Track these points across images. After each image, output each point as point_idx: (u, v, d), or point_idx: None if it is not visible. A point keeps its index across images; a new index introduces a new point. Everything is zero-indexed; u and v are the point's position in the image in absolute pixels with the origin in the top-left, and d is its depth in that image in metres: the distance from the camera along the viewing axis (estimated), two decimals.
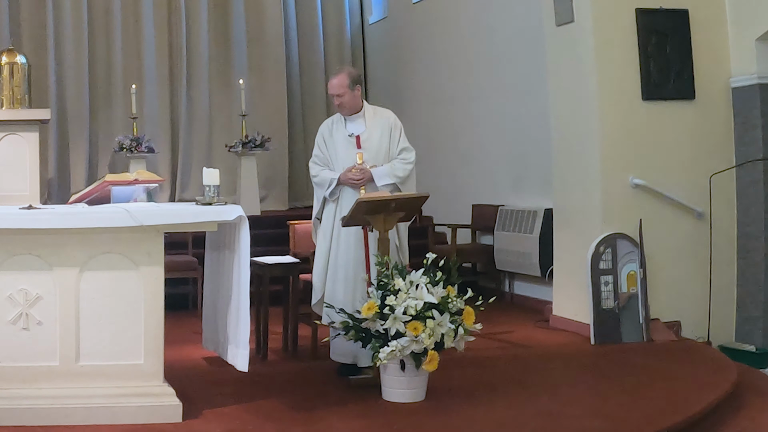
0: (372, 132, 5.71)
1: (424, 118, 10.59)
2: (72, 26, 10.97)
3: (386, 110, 5.90)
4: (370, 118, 5.75)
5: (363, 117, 5.75)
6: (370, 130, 5.72)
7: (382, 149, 5.70)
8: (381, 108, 5.94)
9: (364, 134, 5.70)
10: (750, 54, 6.93)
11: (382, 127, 5.74)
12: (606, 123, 6.84)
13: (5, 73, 8.67)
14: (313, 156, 5.91)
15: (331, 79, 5.74)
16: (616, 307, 6.69)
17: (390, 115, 5.84)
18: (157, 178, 5.51)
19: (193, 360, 6.03)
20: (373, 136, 5.70)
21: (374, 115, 5.78)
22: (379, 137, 5.71)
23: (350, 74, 5.70)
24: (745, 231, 7.04)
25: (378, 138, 5.71)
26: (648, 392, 5.18)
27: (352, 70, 5.83)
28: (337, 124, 5.81)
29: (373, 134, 5.71)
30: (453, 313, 4.96)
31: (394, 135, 5.75)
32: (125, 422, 4.48)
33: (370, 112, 5.79)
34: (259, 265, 6.27)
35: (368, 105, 5.85)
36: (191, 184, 11.33)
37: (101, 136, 11.15)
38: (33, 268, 4.53)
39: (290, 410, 4.88)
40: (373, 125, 5.73)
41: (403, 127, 5.85)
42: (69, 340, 4.55)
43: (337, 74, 5.71)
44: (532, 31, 8.16)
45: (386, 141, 5.72)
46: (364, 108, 5.77)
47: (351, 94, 5.67)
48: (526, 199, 8.62)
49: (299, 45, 12.27)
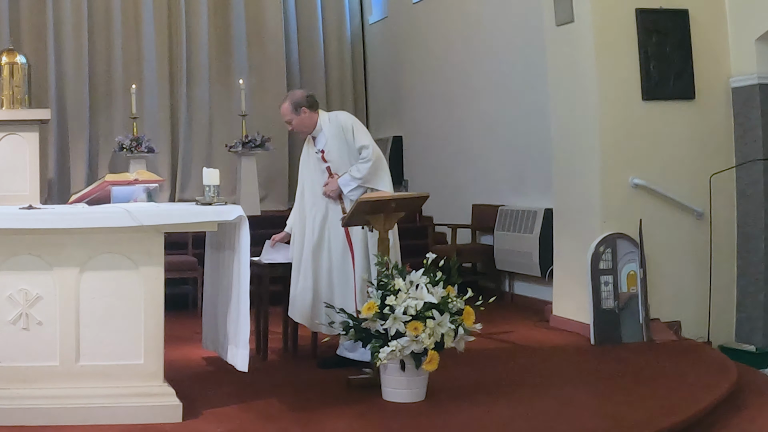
0: (329, 142, 5.81)
1: (424, 118, 10.60)
2: (72, 26, 10.97)
3: (339, 113, 6.02)
4: (327, 128, 5.85)
5: (323, 131, 5.85)
6: (328, 140, 5.82)
7: (344, 155, 5.79)
8: (334, 113, 6.03)
9: (326, 147, 5.81)
10: (750, 54, 6.93)
11: (335, 134, 5.81)
12: (606, 123, 6.84)
13: (5, 73, 8.67)
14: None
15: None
16: (616, 307, 6.69)
17: (340, 117, 5.92)
18: (157, 178, 5.51)
19: (193, 360, 6.03)
20: (331, 145, 5.81)
21: (329, 123, 5.86)
22: (337, 145, 5.80)
23: (292, 100, 5.81)
24: (745, 231, 7.05)
25: (336, 147, 5.80)
26: (648, 392, 5.18)
27: (295, 94, 5.89)
28: (309, 143, 5.97)
29: (331, 144, 5.81)
30: (453, 313, 4.96)
31: (348, 137, 5.80)
32: (125, 422, 4.48)
33: (326, 122, 5.87)
34: (259, 265, 6.27)
35: (324, 115, 5.90)
36: (191, 184, 11.34)
37: (101, 136, 11.16)
38: (33, 268, 4.53)
39: (290, 410, 4.88)
40: (330, 135, 5.82)
41: (356, 122, 5.88)
42: (69, 340, 4.55)
43: (282, 102, 5.88)
44: (532, 31, 8.16)
45: (344, 146, 5.80)
46: (320, 122, 5.84)
47: (298, 118, 5.81)
48: (526, 199, 8.63)
49: (299, 45, 12.28)
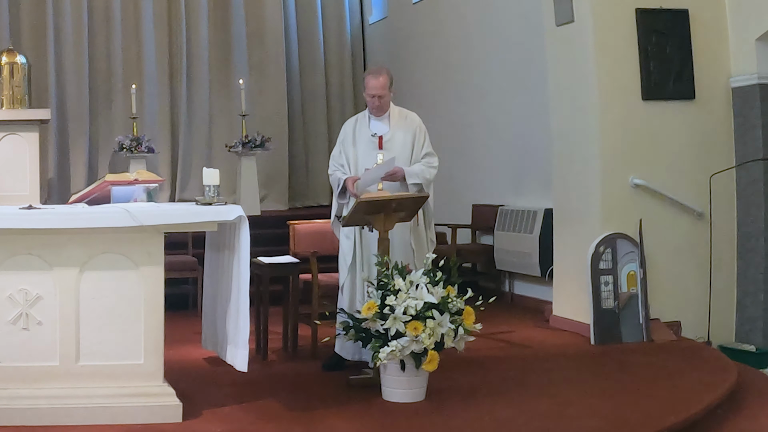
0: (395, 133, 5.72)
1: (424, 118, 10.48)
2: (72, 26, 10.97)
3: (413, 113, 5.90)
4: (395, 119, 5.76)
5: (388, 118, 5.76)
6: (393, 131, 5.72)
7: (405, 151, 5.70)
8: (407, 110, 5.92)
9: (387, 135, 5.71)
10: (750, 54, 6.93)
11: (406, 129, 5.75)
12: (606, 123, 6.84)
13: (5, 73, 8.67)
14: (332, 154, 5.91)
15: (370, 79, 5.67)
16: (616, 307, 6.69)
17: (416, 118, 5.84)
18: (157, 178, 5.50)
19: (193, 360, 6.03)
20: (396, 137, 5.71)
21: (399, 116, 5.79)
22: (403, 139, 5.71)
23: (389, 75, 5.72)
24: (745, 231, 7.05)
25: (401, 140, 5.71)
26: (648, 392, 5.18)
27: (389, 71, 5.79)
28: (360, 122, 5.82)
29: (396, 136, 5.71)
30: (453, 313, 4.96)
31: (419, 138, 5.76)
32: (125, 422, 4.48)
33: (396, 114, 5.79)
34: (259, 265, 6.27)
35: (394, 106, 5.84)
36: (191, 184, 11.34)
37: (101, 136, 11.17)
38: (33, 268, 4.53)
39: (290, 410, 4.88)
40: (397, 127, 5.74)
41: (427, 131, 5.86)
42: (69, 340, 4.55)
43: (378, 75, 5.67)
44: (532, 31, 8.16)
45: (410, 144, 5.73)
46: (390, 109, 5.78)
47: (389, 96, 5.72)
48: (526, 199, 8.62)
49: (299, 45, 12.29)
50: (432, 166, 5.72)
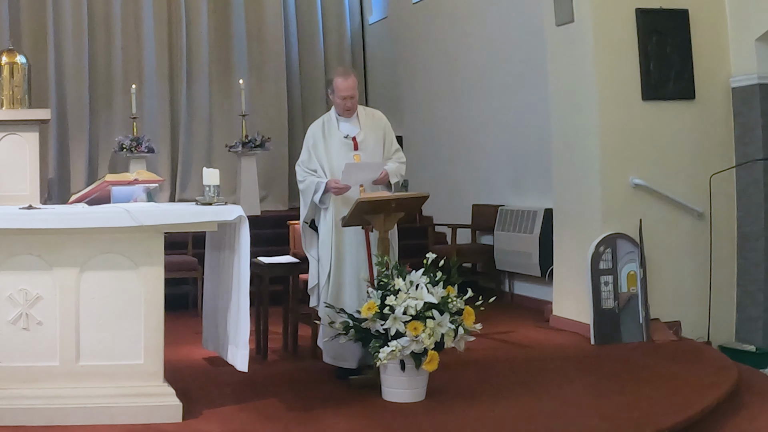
0: (367, 133, 5.73)
1: (424, 118, 10.60)
2: (72, 26, 10.98)
3: (377, 111, 5.95)
4: (364, 118, 5.78)
5: (357, 118, 5.76)
6: (365, 131, 5.73)
7: (378, 149, 5.74)
8: (371, 109, 5.99)
9: (360, 135, 5.71)
10: (750, 54, 6.93)
11: (376, 128, 5.77)
12: (606, 123, 6.84)
13: (5, 73, 8.66)
14: (300, 160, 5.82)
15: (341, 81, 5.63)
16: (616, 307, 6.69)
17: (382, 116, 5.89)
18: (157, 178, 5.51)
19: (193, 360, 6.03)
20: (368, 137, 5.72)
21: (367, 115, 5.81)
22: (375, 138, 5.74)
23: (356, 75, 5.77)
24: (745, 231, 7.05)
25: (374, 139, 5.73)
26: (648, 392, 5.18)
27: (354, 70, 5.88)
28: (328, 125, 5.77)
29: (368, 135, 5.73)
30: (453, 313, 4.96)
31: (388, 136, 5.81)
32: (125, 422, 4.48)
33: (363, 113, 5.82)
34: (259, 265, 6.27)
35: (360, 106, 5.85)
36: (191, 184, 11.34)
37: (101, 136, 11.17)
38: (33, 268, 4.53)
39: (290, 410, 4.88)
40: (367, 126, 5.75)
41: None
42: (69, 340, 4.55)
43: (347, 76, 5.66)
44: (532, 31, 8.16)
45: (380, 142, 5.76)
46: (357, 109, 5.80)
47: (357, 96, 5.73)
48: (526, 199, 8.63)
49: (299, 45, 12.28)
50: (402, 161, 5.81)
